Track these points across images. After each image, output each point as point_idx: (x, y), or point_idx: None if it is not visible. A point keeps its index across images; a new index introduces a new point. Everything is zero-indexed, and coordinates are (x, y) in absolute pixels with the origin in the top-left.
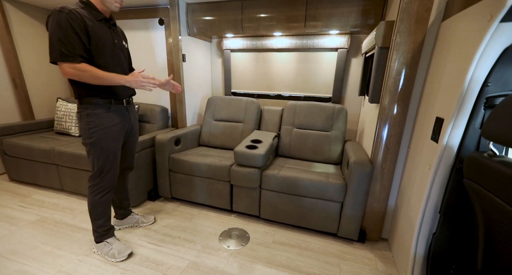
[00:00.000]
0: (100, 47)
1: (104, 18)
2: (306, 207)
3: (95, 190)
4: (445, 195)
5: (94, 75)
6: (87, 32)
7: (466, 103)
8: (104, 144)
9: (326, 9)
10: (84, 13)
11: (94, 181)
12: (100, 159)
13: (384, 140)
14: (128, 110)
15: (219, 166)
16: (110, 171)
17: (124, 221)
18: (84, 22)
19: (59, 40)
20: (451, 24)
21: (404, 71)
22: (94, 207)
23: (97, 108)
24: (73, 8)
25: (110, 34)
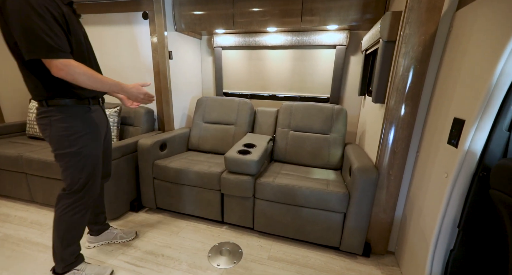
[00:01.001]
0: (76, 35)
1: (70, 2)
2: (305, 218)
3: (74, 208)
4: (465, 207)
5: (93, 78)
6: (65, 20)
7: (493, 101)
8: (90, 151)
9: (324, 2)
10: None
11: (73, 197)
12: (85, 170)
13: (390, 143)
14: (104, 111)
15: (208, 173)
16: (95, 182)
17: (100, 237)
18: (58, 7)
19: (42, 30)
20: (469, 13)
21: (413, 67)
22: (70, 229)
23: (76, 110)
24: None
25: (78, 22)
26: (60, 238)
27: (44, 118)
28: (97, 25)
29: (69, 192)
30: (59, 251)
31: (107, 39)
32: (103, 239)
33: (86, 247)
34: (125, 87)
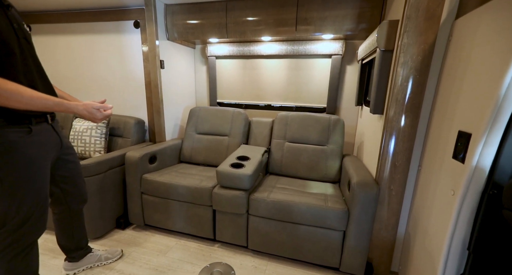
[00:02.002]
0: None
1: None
2: (302, 237)
3: (12, 251)
4: (474, 227)
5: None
6: None
7: (502, 114)
8: (33, 185)
9: (318, 11)
10: None
11: (8, 238)
12: (23, 208)
13: (390, 156)
14: (54, 129)
15: (200, 188)
16: (40, 219)
17: (81, 263)
18: None
19: None
20: (470, 21)
21: (413, 77)
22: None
23: (10, 135)
24: None
25: (3, 15)
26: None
27: None
28: (87, 34)
29: (2, 231)
30: None
31: (97, 48)
32: (84, 264)
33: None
34: (72, 107)
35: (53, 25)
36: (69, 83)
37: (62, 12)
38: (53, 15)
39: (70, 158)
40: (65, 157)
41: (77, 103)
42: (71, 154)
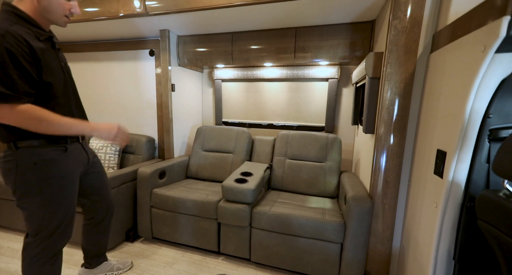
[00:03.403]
0: (51, 73)
1: (49, 37)
2: (302, 249)
3: (42, 257)
4: (457, 238)
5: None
6: (35, 58)
7: (469, 135)
8: (65, 197)
9: (314, 41)
10: (23, 32)
11: (40, 245)
12: (56, 217)
13: (382, 172)
14: (84, 147)
15: (206, 202)
16: (67, 228)
17: (95, 270)
18: (28, 45)
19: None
20: (441, 56)
21: (397, 101)
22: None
23: (50, 153)
24: (6, 26)
25: (56, 56)
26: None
27: (10, 162)
28: (107, 61)
29: (36, 239)
30: None
31: (115, 73)
32: (98, 272)
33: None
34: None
35: (77, 54)
36: (89, 105)
37: (86, 43)
38: (77, 45)
39: (96, 171)
40: (92, 170)
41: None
42: (98, 167)
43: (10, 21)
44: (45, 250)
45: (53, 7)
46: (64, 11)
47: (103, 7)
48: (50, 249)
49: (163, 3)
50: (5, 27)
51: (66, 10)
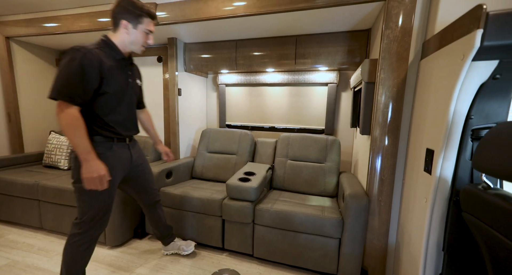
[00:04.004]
0: (113, 86)
1: (122, 58)
2: (302, 244)
3: (81, 239)
4: (446, 230)
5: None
6: (102, 73)
7: (453, 135)
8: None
9: (313, 48)
10: (102, 53)
11: (81, 229)
12: (94, 206)
13: (378, 171)
14: (130, 148)
15: (211, 200)
16: (104, 217)
17: (169, 247)
18: (100, 63)
19: (63, 79)
20: (429, 63)
21: (391, 104)
22: (76, 259)
23: (97, 148)
24: (91, 48)
25: (125, 74)
26: (66, 266)
27: (73, 152)
28: None
29: (79, 222)
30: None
31: None
32: (170, 249)
33: (163, 253)
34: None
35: None
36: None
37: None
38: None
39: (141, 169)
40: (138, 169)
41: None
42: (143, 166)
43: (97, 45)
44: (84, 234)
45: (136, 41)
46: (143, 43)
47: None
48: (88, 234)
49: (172, 14)
50: (89, 48)
51: (144, 42)
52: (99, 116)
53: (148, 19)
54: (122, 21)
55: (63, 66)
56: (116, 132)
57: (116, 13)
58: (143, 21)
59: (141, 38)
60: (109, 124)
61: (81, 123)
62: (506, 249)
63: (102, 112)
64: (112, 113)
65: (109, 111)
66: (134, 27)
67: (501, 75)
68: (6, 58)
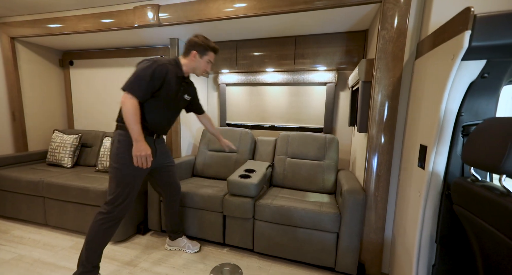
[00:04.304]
0: (165, 95)
1: (181, 76)
2: (301, 239)
3: (104, 218)
4: (438, 222)
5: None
6: (163, 81)
7: (445, 131)
8: (125, 172)
9: (312, 48)
10: (170, 69)
11: (107, 208)
12: (119, 186)
13: (374, 168)
14: (154, 143)
15: (212, 196)
16: (125, 201)
17: (174, 243)
18: (165, 75)
19: (136, 78)
20: (423, 62)
21: (387, 103)
22: (97, 236)
23: (128, 136)
24: (165, 62)
25: (178, 88)
26: (87, 241)
27: (112, 138)
28: (119, 67)
29: (106, 202)
30: (82, 253)
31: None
32: (175, 245)
33: (165, 248)
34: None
35: (93, 60)
36: (103, 106)
37: (101, 50)
38: (93, 52)
39: (165, 166)
40: (163, 165)
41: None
42: (167, 163)
43: (169, 61)
44: (108, 214)
45: (199, 67)
46: (203, 70)
47: (120, 19)
48: (112, 215)
49: (174, 15)
50: (163, 62)
51: (204, 70)
52: (146, 112)
53: (212, 53)
54: (193, 51)
55: (140, 69)
56: (149, 128)
57: (191, 45)
58: (208, 54)
59: (203, 66)
60: (147, 121)
61: (138, 112)
62: (492, 237)
63: (148, 110)
64: (154, 114)
65: (153, 111)
66: (200, 57)
67: (489, 74)
68: (11, 58)
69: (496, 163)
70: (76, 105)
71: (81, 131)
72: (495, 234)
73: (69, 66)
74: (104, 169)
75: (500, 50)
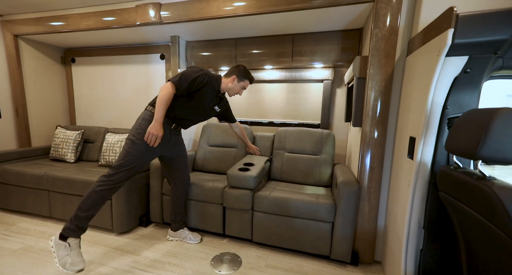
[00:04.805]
0: (198, 99)
1: (216, 90)
2: (298, 229)
3: (102, 181)
4: (426, 209)
5: (160, 99)
6: (201, 87)
7: (432, 123)
8: (138, 146)
9: (309, 46)
10: (209, 81)
11: (110, 172)
12: (128, 156)
13: (368, 160)
14: (171, 133)
15: (212, 188)
16: (125, 171)
17: (176, 234)
18: (205, 83)
19: (183, 76)
20: (413, 59)
21: (380, 98)
22: (89, 196)
23: (151, 118)
24: (210, 75)
25: (210, 99)
26: (81, 201)
27: (141, 114)
28: (121, 64)
29: (112, 167)
30: (75, 212)
31: (128, 75)
32: (177, 236)
33: (167, 238)
34: (155, 121)
35: (95, 58)
36: (104, 103)
37: (103, 48)
38: (95, 50)
39: (177, 158)
40: (177, 157)
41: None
42: (182, 155)
43: (214, 76)
44: (108, 177)
45: (233, 89)
46: (236, 93)
47: (122, 17)
48: (111, 179)
49: (175, 13)
50: (209, 73)
51: (237, 93)
52: (175, 105)
53: (248, 82)
54: (233, 75)
55: (189, 71)
56: (173, 119)
57: (233, 69)
58: (244, 81)
59: (237, 90)
60: (175, 113)
61: (169, 100)
62: (471, 218)
63: (180, 105)
64: (183, 110)
65: (183, 107)
66: (237, 82)
67: (471, 69)
68: (14, 55)
69: (473, 150)
70: (78, 102)
71: (83, 127)
72: (473, 215)
73: (71, 63)
74: (107, 163)
75: (480, 47)
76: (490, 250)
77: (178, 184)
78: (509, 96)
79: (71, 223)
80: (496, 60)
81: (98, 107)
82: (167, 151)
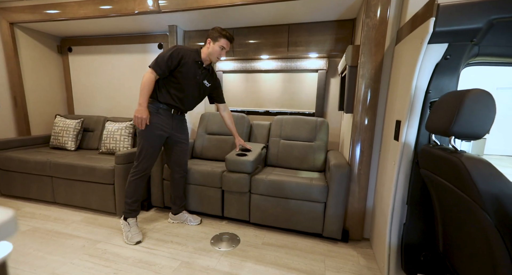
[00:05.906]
0: (183, 76)
1: (198, 62)
2: (293, 209)
3: (132, 172)
4: (409, 187)
5: (143, 85)
6: (179, 61)
7: (415, 107)
8: (146, 135)
9: (304, 36)
10: (187, 54)
11: (135, 163)
12: (139, 147)
13: (358, 144)
14: (172, 118)
15: (211, 172)
16: (144, 159)
17: (176, 217)
18: (181, 57)
19: (158, 58)
20: (401, 48)
21: (370, 85)
22: (129, 185)
23: (151, 108)
24: (184, 48)
25: (195, 72)
26: (125, 190)
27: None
28: (119, 54)
29: (136, 160)
30: (124, 199)
31: (126, 64)
32: (177, 219)
33: (168, 221)
34: (138, 105)
35: (92, 47)
36: (102, 92)
37: (100, 37)
38: (92, 39)
39: (178, 144)
40: (177, 142)
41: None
42: (183, 141)
43: (190, 49)
44: (135, 168)
45: (212, 53)
46: (218, 55)
47: (120, 5)
48: (138, 168)
49: (173, 2)
50: (183, 47)
51: (218, 56)
52: (166, 89)
53: (224, 40)
54: (208, 39)
55: (164, 52)
56: (171, 102)
57: (208, 35)
58: (220, 40)
59: (217, 51)
60: (170, 95)
61: (150, 85)
62: (445, 189)
63: (170, 86)
64: (176, 91)
65: (175, 88)
66: (213, 43)
67: (451, 56)
68: (10, 43)
69: (447, 127)
70: (76, 91)
71: (82, 116)
72: (447, 185)
73: (67, 52)
74: (108, 151)
75: (458, 35)
76: (460, 216)
77: (178, 168)
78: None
79: (125, 208)
80: (472, 47)
81: (96, 97)
82: (172, 133)
